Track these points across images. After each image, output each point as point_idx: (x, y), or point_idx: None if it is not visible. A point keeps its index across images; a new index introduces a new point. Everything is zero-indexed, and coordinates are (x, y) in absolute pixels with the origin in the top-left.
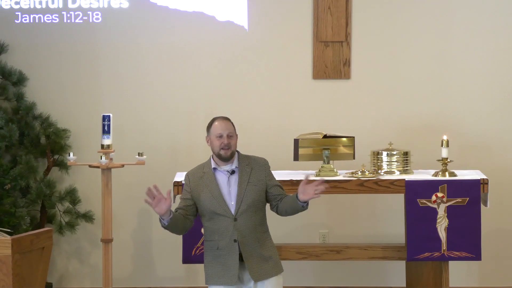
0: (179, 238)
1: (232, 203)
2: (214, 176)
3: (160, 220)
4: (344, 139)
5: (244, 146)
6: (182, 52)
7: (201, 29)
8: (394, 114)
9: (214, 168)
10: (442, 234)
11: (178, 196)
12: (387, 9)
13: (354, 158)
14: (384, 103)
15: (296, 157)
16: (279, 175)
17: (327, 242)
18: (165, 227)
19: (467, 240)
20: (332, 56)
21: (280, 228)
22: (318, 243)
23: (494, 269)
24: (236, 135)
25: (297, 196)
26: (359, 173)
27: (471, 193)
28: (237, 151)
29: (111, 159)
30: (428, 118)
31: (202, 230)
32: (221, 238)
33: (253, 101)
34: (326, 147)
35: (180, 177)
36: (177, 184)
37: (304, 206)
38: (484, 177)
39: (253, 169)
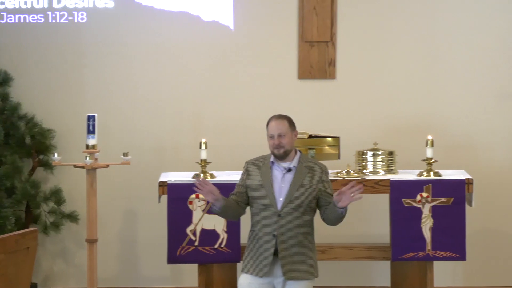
0: (165, 238)
1: (280, 199)
2: (270, 170)
3: (212, 205)
4: (329, 139)
5: (230, 146)
6: (168, 52)
7: (186, 29)
8: (379, 114)
9: (272, 162)
10: (427, 234)
11: (163, 196)
12: (372, 9)
13: (339, 158)
14: (369, 103)
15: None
16: None
17: None
18: (217, 213)
19: (451, 240)
20: (317, 56)
21: None
22: None
23: (479, 269)
24: (292, 132)
25: (335, 204)
26: (344, 173)
27: (455, 193)
28: (300, 152)
29: (96, 159)
30: (413, 118)
31: (188, 230)
32: (262, 230)
33: (238, 101)
34: (311, 147)
35: (165, 177)
36: (162, 184)
37: (343, 212)
38: (469, 177)
39: (310, 172)
